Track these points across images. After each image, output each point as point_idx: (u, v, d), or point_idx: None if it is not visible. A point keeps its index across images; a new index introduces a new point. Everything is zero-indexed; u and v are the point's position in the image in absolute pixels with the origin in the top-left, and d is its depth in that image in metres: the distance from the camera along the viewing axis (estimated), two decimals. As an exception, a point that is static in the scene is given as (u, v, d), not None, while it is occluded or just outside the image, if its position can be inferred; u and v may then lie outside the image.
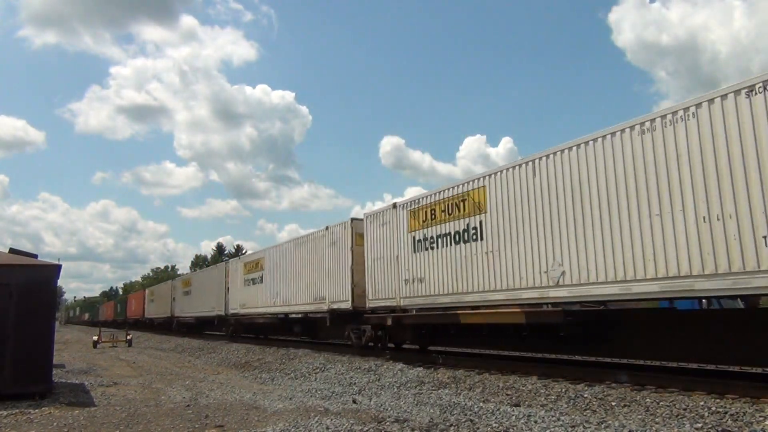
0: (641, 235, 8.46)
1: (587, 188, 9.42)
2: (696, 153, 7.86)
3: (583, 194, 9.49)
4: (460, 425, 6.86)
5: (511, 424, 6.89)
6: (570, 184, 9.74)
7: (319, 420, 7.21)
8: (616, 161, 8.95)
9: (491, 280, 11.30)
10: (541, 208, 10.28)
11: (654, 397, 7.72)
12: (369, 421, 7.24)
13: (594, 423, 6.67)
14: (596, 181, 9.27)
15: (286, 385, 11.91)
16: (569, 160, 9.79)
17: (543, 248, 10.17)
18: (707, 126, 7.76)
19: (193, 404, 9.09)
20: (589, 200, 9.36)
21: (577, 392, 8.54)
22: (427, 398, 9.21)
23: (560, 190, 9.91)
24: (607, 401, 7.90)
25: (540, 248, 10.23)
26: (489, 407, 8.01)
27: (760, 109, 7.22)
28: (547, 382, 9.50)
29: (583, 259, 9.38)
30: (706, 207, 7.68)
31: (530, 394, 8.92)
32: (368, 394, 10.10)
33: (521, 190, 10.75)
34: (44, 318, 9.73)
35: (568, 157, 9.83)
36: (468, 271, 11.97)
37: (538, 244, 10.29)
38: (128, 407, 8.81)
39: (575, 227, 9.59)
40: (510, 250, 10.90)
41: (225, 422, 7.52)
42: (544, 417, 7.17)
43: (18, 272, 9.63)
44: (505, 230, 11.04)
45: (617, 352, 11.03)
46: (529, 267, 10.42)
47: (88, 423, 7.62)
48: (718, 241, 7.52)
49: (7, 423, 7.61)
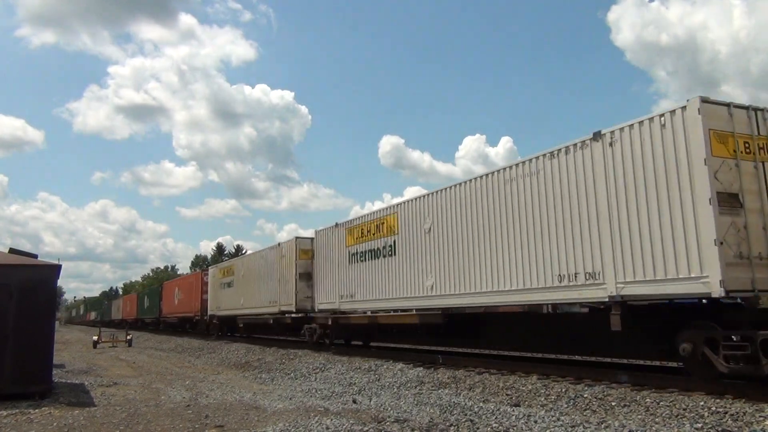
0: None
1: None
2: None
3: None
4: (460, 425, 6.86)
5: (511, 424, 6.89)
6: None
7: (319, 420, 7.21)
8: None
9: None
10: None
11: (654, 397, 7.72)
12: (369, 421, 7.24)
13: (594, 423, 6.67)
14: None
15: (286, 385, 11.91)
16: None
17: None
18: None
19: (193, 404, 9.09)
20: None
21: (577, 392, 8.54)
22: (427, 398, 9.21)
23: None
24: (607, 401, 7.90)
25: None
26: (489, 407, 8.01)
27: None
28: (547, 382, 9.49)
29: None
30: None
31: (530, 394, 8.92)
32: (368, 394, 10.10)
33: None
34: (44, 318, 9.73)
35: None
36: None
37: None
38: (128, 407, 8.80)
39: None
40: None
41: (225, 422, 7.52)
42: (544, 417, 7.18)
43: (18, 272, 9.63)
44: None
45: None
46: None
47: (88, 423, 7.62)
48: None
49: (7, 423, 7.60)
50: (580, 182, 9.43)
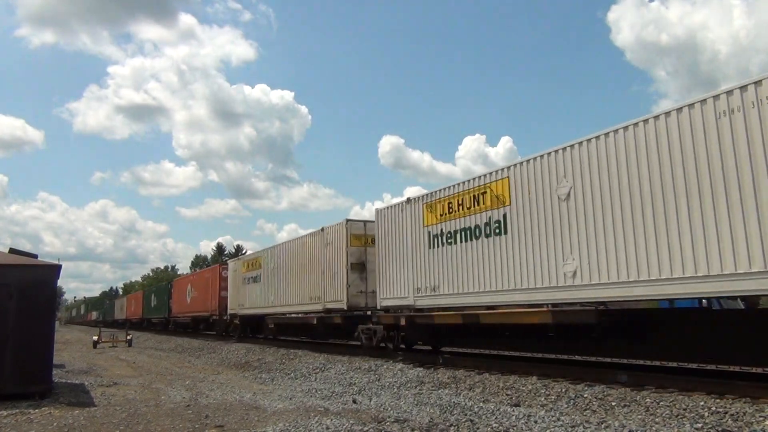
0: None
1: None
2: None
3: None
4: (460, 425, 6.86)
5: (511, 424, 6.89)
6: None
7: (319, 420, 7.21)
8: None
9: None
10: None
11: (654, 397, 7.72)
12: (369, 421, 7.25)
13: (594, 423, 6.67)
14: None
15: (286, 385, 11.91)
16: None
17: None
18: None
19: (193, 404, 9.09)
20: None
21: (577, 392, 8.54)
22: (427, 398, 9.21)
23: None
24: (607, 401, 7.90)
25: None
26: (489, 407, 8.01)
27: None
28: (547, 382, 9.49)
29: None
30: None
31: (530, 394, 8.92)
32: (368, 394, 10.10)
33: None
34: (44, 318, 9.73)
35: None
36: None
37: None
38: (128, 407, 8.80)
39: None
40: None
41: (225, 422, 7.52)
42: (544, 417, 7.18)
43: (18, 272, 9.63)
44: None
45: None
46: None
47: (88, 423, 7.62)
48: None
49: (7, 423, 7.60)
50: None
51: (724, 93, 7.62)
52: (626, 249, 8.76)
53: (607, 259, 9.03)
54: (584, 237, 9.45)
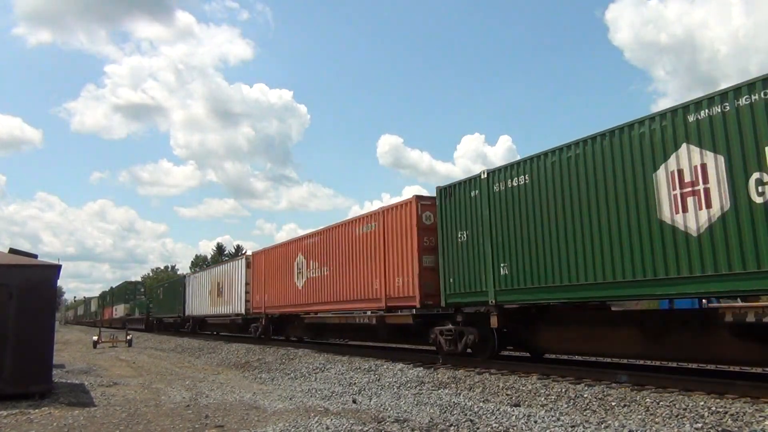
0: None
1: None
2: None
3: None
4: (460, 425, 6.87)
5: (511, 424, 6.89)
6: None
7: (319, 420, 7.21)
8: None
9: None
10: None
11: (654, 397, 7.72)
12: (369, 421, 7.25)
13: (594, 423, 6.67)
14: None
15: (286, 385, 11.91)
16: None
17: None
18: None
19: (193, 404, 9.10)
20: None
21: (577, 392, 8.54)
22: (427, 398, 9.21)
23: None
24: (607, 401, 7.90)
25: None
26: (489, 407, 8.01)
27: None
28: (547, 382, 9.50)
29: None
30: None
31: (530, 394, 8.93)
32: (368, 394, 10.10)
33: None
34: (44, 318, 9.73)
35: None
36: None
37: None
38: (128, 407, 8.81)
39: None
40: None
41: (225, 422, 7.53)
42: (544, 417, 7.18)
43: (18, 272, 9.63)
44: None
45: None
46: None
47: (88, 423, 7.62)
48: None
49: (7, 423, 7.61)
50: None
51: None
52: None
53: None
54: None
